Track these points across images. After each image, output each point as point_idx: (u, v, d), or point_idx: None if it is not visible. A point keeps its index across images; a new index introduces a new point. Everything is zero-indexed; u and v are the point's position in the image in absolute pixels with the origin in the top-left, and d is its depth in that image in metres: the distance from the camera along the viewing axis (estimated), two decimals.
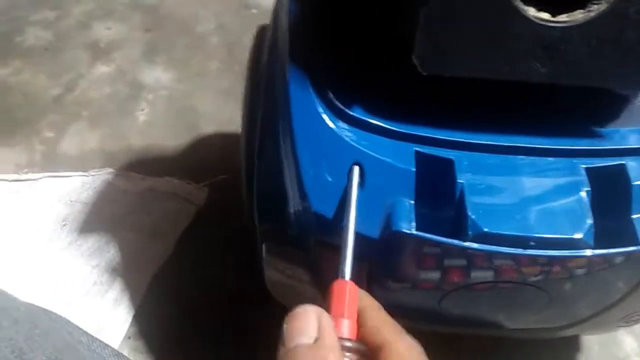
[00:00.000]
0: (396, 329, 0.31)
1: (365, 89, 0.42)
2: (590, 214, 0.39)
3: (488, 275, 0.43)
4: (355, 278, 0.34)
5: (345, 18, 0.43)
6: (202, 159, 0.85)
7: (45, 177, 0.80)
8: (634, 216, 0.40)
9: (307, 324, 0.28)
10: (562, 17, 0.37)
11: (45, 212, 0.75)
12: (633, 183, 0.41)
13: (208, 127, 0.90)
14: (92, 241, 0.72)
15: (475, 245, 0.39)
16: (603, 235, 0.40)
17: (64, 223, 0.74)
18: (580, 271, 0.42)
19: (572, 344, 0.66)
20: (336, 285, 0.33)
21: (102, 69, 1.00)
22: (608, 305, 0.48)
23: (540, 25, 0.37)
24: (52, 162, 0.83)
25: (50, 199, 0.77)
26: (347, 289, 0.33)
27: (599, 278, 0.43)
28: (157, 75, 1.00)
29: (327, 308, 0.31)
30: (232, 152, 0.77)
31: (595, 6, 0.37)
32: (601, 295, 0.47)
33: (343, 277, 0.34)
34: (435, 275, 0.44)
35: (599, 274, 0.43)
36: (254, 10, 1.18)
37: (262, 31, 0.59)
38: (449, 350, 0.59)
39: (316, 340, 0.27)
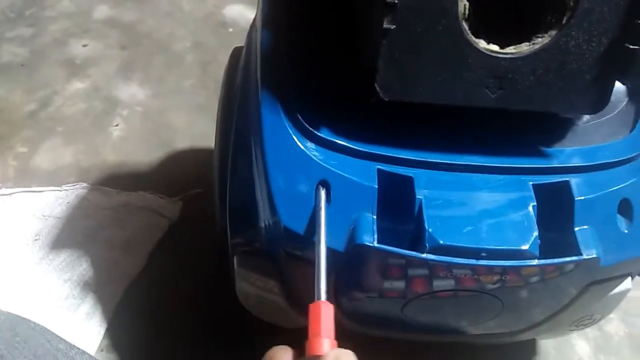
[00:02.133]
0: None
1: (332, 112, 0.45)
2: (536, 227, 0.43)
3: (447, 284, 0.46)
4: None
5: (314, 46, 0.46)
6: (176, 174, 0.87)
7: (19, 192, 0.80)
8: (577, 228, 0.44)
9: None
10: (510, 49, 0.41)
11: (18, 227, 0.75)
12: (576, 198, 0.44)
13: (182, 143, 0.92)
14: (64, 255, 0.73)
15: (432, 256, 0.42)
16: (548, 246, 0.44)
17: (36, 238, 0.74)
18: (531, 279, 0.46)
19: (529, 349, 0.69)
20: (313, 307, 0.35)
21: (78, 85, 1.01)
22: (557, 311, 0.52)
23: (490, 56, 0.41)
24: (26, 177, 0.84)
25: (23, 213, 0.77)
26: (323, 310, 0.35)
27: (548, 285, 0.47)
28: (132, 91, 1.01)
29: (309, 328, 0.34)
30: (205, 166, 0.80)
31: (540, 39, 0.41)
32: (550, 302, 0.51)
33: (319, 298, 0.36)
34: (398, 284, 0.47)
35: (548, 282, 0.46)
36: (231, 29, 1.20)
37: (236, 52, 0.62)
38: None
39: None
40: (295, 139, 0.44)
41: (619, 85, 0.48)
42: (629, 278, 0.53)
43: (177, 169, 0.87)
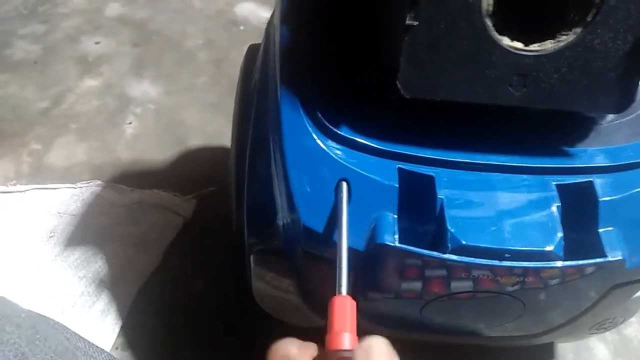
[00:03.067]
0: None
1: (352, 110, 0.45)
2: (560, 227, 0.42)
3: (466, 285, 0.45)
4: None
5: (334, 43, 0.45)
6: (189, 172, 0.87)
7: (33, 189, 0.80)
8: (601, 230, 0.43)
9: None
10: (534, 47, 0.40)
11: (34, 224, 0.75)
12: (600, 199, 0.43)
13: (195, 141, 0.92)
14: (79, 253, 0.73)
15: (454, 257, 0.41)
16: (573, 247, 0.43)
17: (52, 235, 0.75)
18: (552, 281, 0.45)
19: (547, 352, 0.69)
20: (336, 301, 0.35)
21: (90, 82, 1.01)
22: (579, 314, 0.51)
23: (514, 53, 0.40)
24: (40, 174, 0.84)
25: (39, 210, 0.77)
26: (346, 304, 0.34)
27: (570, 288, 0.46)
28: (144, 89, 1.01)
29: (329, 323, 0.33)
30: (219, 165, 0.80)
31: (564, 37, 0.40)
32: (572, 304, 0.50)
33: (341, 292, 0.36)
34: (417, 285, 0.46)
35: (569, 284, 0.45)
36: (242, 27, 1.20)
37: (252, 50, 0.62)
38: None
39: None
40: (315, 137, 0.43)
41: None
42: None
43: (190, 167, 0.87)
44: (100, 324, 0.66)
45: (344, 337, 0.33)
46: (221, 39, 1.15)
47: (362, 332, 0.37)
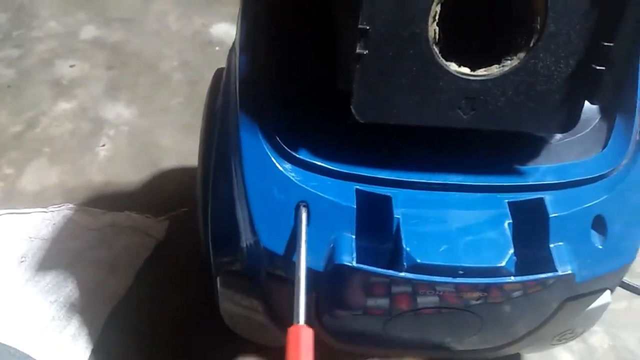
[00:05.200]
0: None
1: (310, 134, 0.46)
2: (511, 244, 0.44)
3: (425, 301, 0.46)
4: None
5: (291, 70, 0.47)
6: (163, 193, 0.87)
7: (5, 214, 0.80)
8: (552, 245, 0.45)
9: None
10: (481, 71, 0.42)
11: (4, 249, 0.75)
12: (550, 215, 0.45)
13: (169, 162, 0.93)
14: (50, 277, 0.73)
15: (410, 275, 0.42)
16: (524, 263, 0.44)
17: (22, 260, 0.74)
18: (506, 296, 0.46)
19: None
20: (291, 331, 0.36)
21: (64, 105, 1.01)
22: (537, 326, 0.53)
23: (461, 78, 0.42)
24: (12, 199, 0.84)
25: (10, 235, 0.77)
26: (301, 334, 0.36)
27: (525, 302, 0.48)
28: (119, 111, 1.02)
29: (287, 351, 0.35)
30: (191, 186, 0.80)
31: (509, 62, 0.42)
32: (529, 317, 0.51)
33: (298, 321, 0.37)
34: (378, 302, 0.47)
35: (525, 298, 0.47)
36: (217, 48, 1.22)
37: (218, 74, 0.63)
38: None
39: None
40: (274, 161, 0.45)
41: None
42: (608, 292, 0.54)
43: (163, 188, 0.88)
44: (71, 347, 0.66)
45: None
46: (197, 60, 1.17)
47: (327, 350, 0.38)
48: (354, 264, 0.43)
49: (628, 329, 0.77)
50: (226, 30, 1.26)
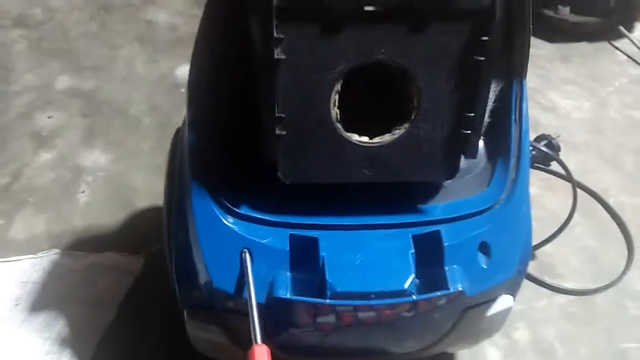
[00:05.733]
0: None
1: (249, 192, 0.57)
2: (413, 270, 0.55)
3: (351, 319, 0.58)
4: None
5: (232, 144, 0.58)
6: (138, 232, 0.97)
7: None
8: (446, 268, 0.57)
9: None
10: (377, 139, 0.54)
11: (1, 295, 0.85)
12: (445, 244, 0.57)
13: (142, 202, 1.03)
14: (42, 317, 0.83)
15: (333, 301, 0.54)
16: (425, 284, 0.56)
17: (17, 302, 0.84)
18: (415, 310, 0.58)
19: (445, 359, 0.82)
20: (252, 350, 0.47)
21: (46, 156, 1.11)
22: (448, 330, 0.64)
23: (362, 146, 0.54)
24: (3, 248, 0.93)
25: (5, 281, 0.87)
26: (260, 352, 0.47)
27: (433, 313, 0.59)
28: (95, 157, 1.12)
29: None
30: None
31: (397, 131, 0.54)
32: (439, 325, 0.63)
33: (256, 342, 0.48)
34: (312, 323, 0.58)
35: (431, 311, 0.58)
36: (183, 90, 1.32)
37: (176, 136, 0.75)
38: None
39: None
40: (221, 217, 0.56)
41: (480, 148, 0.62)
42: (510, 298, 0.66)
43: (138, 227, 0.98)
44: None
45: None
46: (164, 103, 1.27)
47: None
48: (288, 296, 0.54)
49: (547, 324, 0.90)
50: None
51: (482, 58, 0.50)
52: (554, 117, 1.34)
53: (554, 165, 1.15)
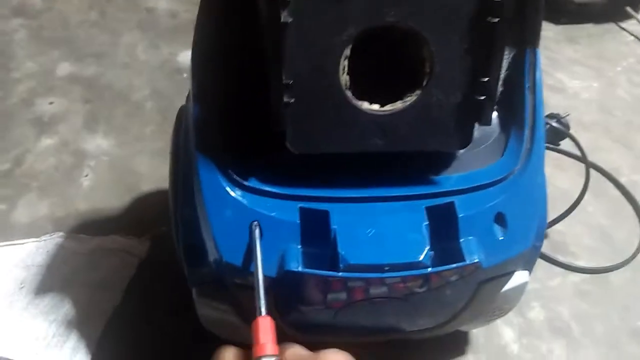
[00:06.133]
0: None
1: (257, 164, 0.56)
2: (427, 242, 0.54)
3: (363, 294, 0.57)
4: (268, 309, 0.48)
5: (238, 113, 0.57)
6: (143, 215, 0.96)
7: (2, 246, 0.89)
8: (461, 240, 0.55)
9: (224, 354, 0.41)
10: (388, 107, 0.53)
11: (5, 277, 0.84)
12: (459, 215, 0.56)
13: (147, 186, 1.02)
14: (48, 299, 0.82)
15: (345, 274, 0.53)
16: (439, 257, 0.55)
17: (22, 285, 0.83)
18: (429, 284, 0.56)
19: (462, 339, 0.80)
20: (256, 321, 0.46)
21: (47, 142, 1.10)
22: (464, 306, 0.63)
23: (372, 114, 0.52)
24: (7, 232, 0.92)
25: (8, 265, 0.86)
26: (266, 322, 0.46)
27: (448, 288, 0.58)
28: (97, 142, 1.11)
29: (254, 337, 0.45)
30: (168, 206, 0.89)
31: (409, 98, 0.52)
32: (454, 300, 0.62)
33: (260, 314, 0.47)
34: (323, 298, 0.57)
35: (446, 285, 0.57)
36: (185, 75, 1.31)
37: (180, 113, 0.73)
38: None
39: None
40: (229, 190, 0.54)
41: (494, 118, 0.60)
42: (525, 272, 0.64)
43: (143, 211, 0.96)
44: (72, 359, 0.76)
45: (266, 346, 0.44)
46: (166, 88, 1.26)
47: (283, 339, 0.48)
48: (300, 269, 0.53)
49: (561, 302, 0.88)
50: None
51: (496, 19, 0.48)
52: (562, 97, 1.32)
53: (563, 145, 1.14)
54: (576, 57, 1.47)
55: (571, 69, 1.42)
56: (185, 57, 1.35)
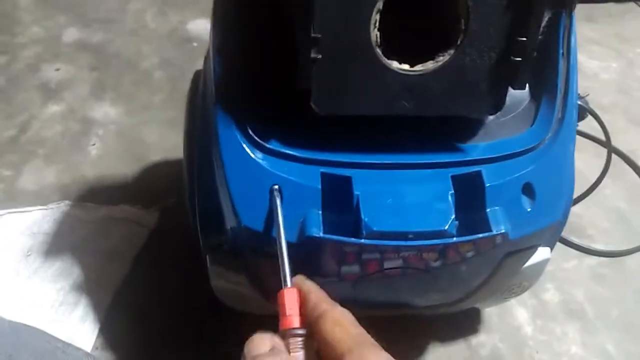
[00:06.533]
0: (329, 301, 0.42)
1: (279, 126, 0.53)
2: (453, 211, 0.52)
3: (383, 264, 0.55)
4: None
5: (260, 71, 0.54)
6: (152, 185, 0.94)
7: (8, 213, 0.87)
8: (488, 210, 0.53)
9: (263, 341, 0.39)
10: (418, 67, 0.50)
11: (10, 245, 0.82)
12: (487, 185, 0.53)
13: (155, 156, 0.99)
14: (55, 267, 0.80)
15: (368, 241, 0.50)
16: (465, 226, 0.53)
17: (28, 253, 0.81)
18: (452, 255, 0.54)
19: (475, 318, 0.79)
20: (282, 293, 0.43)
21: (54, 108, 1.07)
22: (485, 280, 0.61)
23: (402, 74, 0.50)
24: (13, 199, 0.90)
25: (14, 232, 0.84)
26: (292, 294, 0.43)
27: (470, 259, 0.56)
28: (105, 110, 1.08)
29: (280, 310, 0.42)
30: (178, 177, 0.87)
31: (441, 58, 0.50)
32: (476, 273, 0.60)
33: (286, 285, 0.44)
34: (345, 268, 0.55)
35: (470, 256, 0.55)
36: (195, 44, 1.28)
37: (197, 75, 0.70)
38: None
39: (271, 349, 0.37)
40: (249, 151, 0.52)
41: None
42: (547, 249, 0.62)
43: (152, 181, 0.94)
44: (80, 327, 0.74)
45: (294, 318, 0.42)
46: (176, 56, 1.23)
47: None
48: (321, 234, 0.51)
49: (576, 285, 0.86)
50: (203, 26, 1.31)
51: None
52: (581, 78, 1.28)
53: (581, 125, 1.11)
54: (595, 37, 1.44)
55: (590, 49, 1.39)
56: (194, 25, 1.32)
